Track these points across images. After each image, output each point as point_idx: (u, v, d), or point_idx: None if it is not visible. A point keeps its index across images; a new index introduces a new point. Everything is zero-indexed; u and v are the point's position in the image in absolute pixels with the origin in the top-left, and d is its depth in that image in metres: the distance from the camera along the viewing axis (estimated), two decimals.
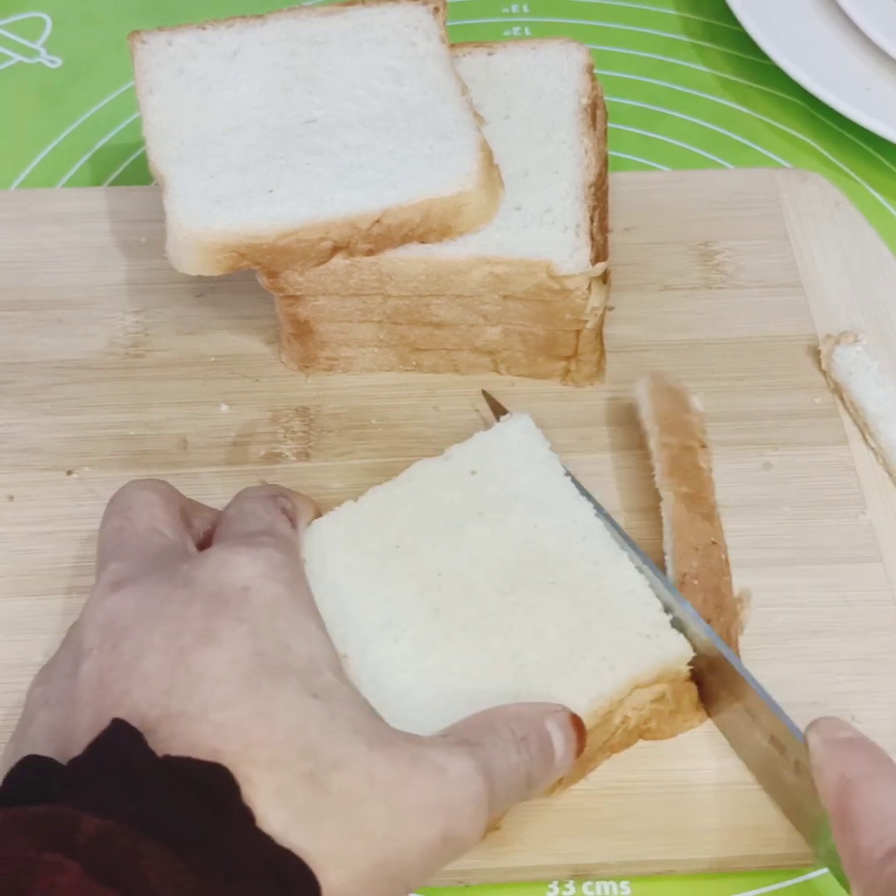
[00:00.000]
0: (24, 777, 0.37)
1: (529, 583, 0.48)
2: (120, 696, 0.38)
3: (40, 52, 0.78)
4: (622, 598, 0.47)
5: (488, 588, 0.47)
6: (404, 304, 0.56)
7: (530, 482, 0.51)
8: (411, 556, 0.48)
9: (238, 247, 0.53)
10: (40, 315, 0.62)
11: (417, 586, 0.48)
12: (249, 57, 0.59)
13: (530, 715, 0.43)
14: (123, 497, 0.47)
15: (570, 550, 0.49)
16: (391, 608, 0.47)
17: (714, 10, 0.79)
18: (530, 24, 0.79)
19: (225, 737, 0.37)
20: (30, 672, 0.50)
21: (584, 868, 0.47)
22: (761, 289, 0.63)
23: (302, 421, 0.58)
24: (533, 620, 0.47)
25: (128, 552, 0.44)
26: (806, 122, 0.74)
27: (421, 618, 0.47)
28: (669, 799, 0.47)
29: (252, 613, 0.40)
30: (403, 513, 0.50)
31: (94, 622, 0.41)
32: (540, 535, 0.49)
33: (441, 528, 0.49)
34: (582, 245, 0.55)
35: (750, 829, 0.47)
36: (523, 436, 0.52)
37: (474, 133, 0.55)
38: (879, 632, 0.52)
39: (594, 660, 0.46)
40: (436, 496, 0.50)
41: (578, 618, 0.47)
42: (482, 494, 0.50)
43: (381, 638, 0.46)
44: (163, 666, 0.38)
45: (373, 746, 0.38)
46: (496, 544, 0.49)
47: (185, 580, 0.41)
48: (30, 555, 0.54)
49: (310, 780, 0.37)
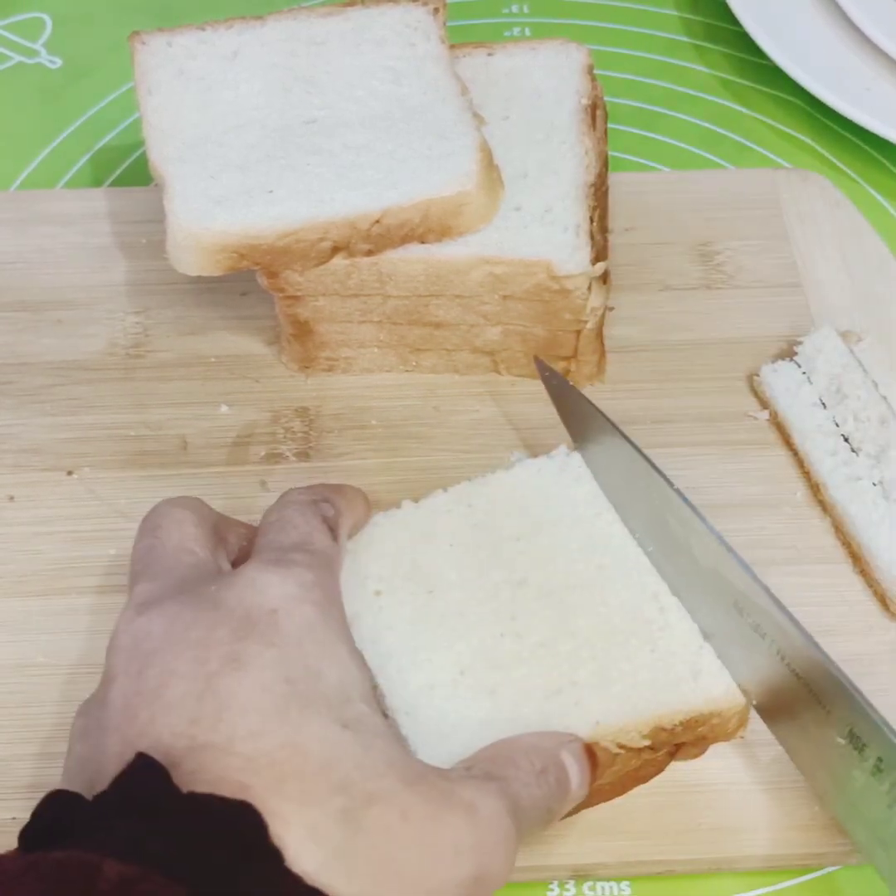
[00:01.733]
0: (49, 814, 0.36)
1: (573, 609, 0.47)
2: (145, 725, 0.37)
3: (40, 53, 0.78)
4: (668, 635, 0.46)
5: (527, 611, 0.47)
6: (404, 304, 0.56)
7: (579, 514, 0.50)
8: (452, 586, 0.47)
9: (238, 247, 0.53)
10: (40, 316, 0.62)
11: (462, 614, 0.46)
12: (249, 57, 0.59)
13: (546, 746, 0.42)
14: (155, 515, 0.46)
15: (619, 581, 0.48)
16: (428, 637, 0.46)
17: (714, 10, 0.79)
18: (530, 24, 0.79)
19: (254, 770, 0.36)
20: (30, 672, 0.51)
21: (584, 868, 0.47)
22: (761, 289, 0.63)
23: (302, 421, 0.58)
24: (571, 644, 0.46)
25: (156, 572, 0.43)
26: (806, 123, 0.74)
27: (459, 644, 0.46)
28: (669, 799, 0.47)
29: (281, 637, 0.39)
30: (443, 536, 0.49)
31: (120, 647, 0.40)
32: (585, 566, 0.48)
33: (484, 554, 0.48)
34: (582, 245, 0.55)
35: (749, 828, 0.47)
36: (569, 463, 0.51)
37: (474, 133, 0.55)
38: (879, 632, 0.52)
39: (629, 692, 0.44)
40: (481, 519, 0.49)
41: (618, 648, 0.46)
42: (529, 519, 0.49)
43: (413, 664, 0.45)
44: (188, 693, 0.37)
45: (406, 782, 0.37)
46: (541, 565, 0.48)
47: (212, 602, 0.40)
48: (30, 555, 0.54)
49: (343, 816, 0.36)
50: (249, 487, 0.56)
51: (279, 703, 0.37)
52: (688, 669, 0.45)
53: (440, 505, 0.50)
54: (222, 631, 0.39)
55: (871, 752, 0.41)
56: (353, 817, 0.36)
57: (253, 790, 0.35)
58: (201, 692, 0.37)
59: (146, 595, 0.41)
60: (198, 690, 0.37)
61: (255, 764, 0.36)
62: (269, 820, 0.35)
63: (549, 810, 0.41)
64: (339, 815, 0.36)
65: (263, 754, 0.36)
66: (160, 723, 0.37)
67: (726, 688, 0.45)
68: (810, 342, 0.58)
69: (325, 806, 0.36)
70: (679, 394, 0.59)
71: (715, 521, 0.54)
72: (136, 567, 0.44)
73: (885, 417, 0.55)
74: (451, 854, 0.37)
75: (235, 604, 0.40)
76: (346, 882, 0.35)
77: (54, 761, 0.48)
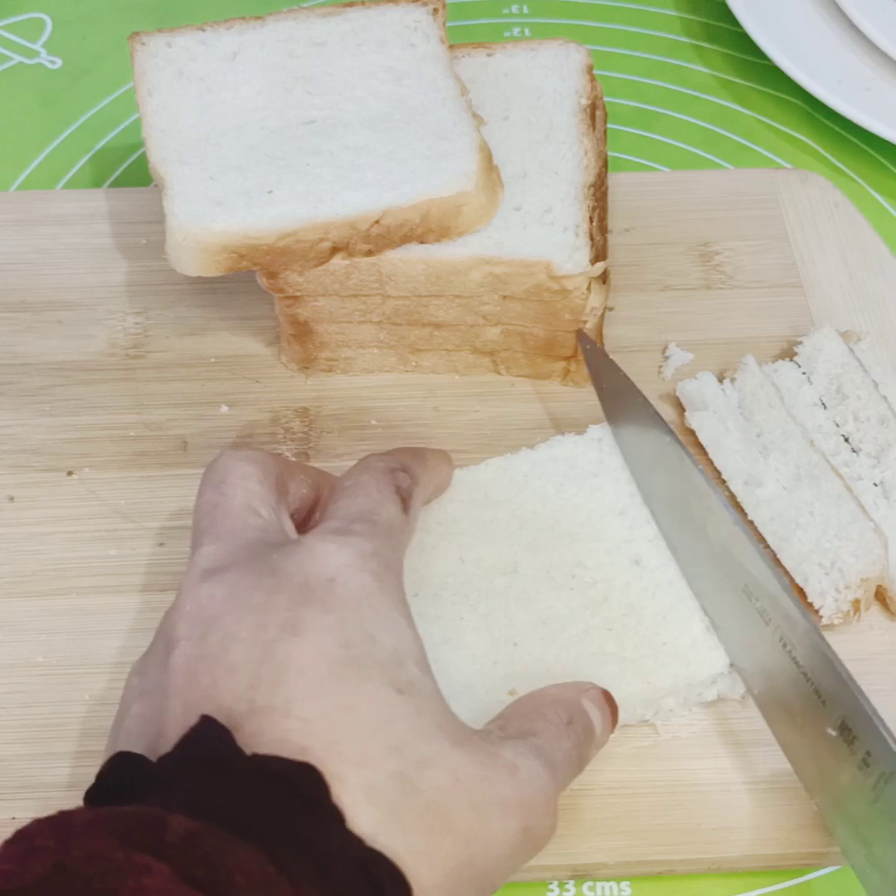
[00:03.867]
0: (115, 775, 0.37)
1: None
2: (208, 689, 0.38)
3: (40, 53, 0.78)
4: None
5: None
6: (404, 304, 0.56)
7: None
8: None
9: (238, 248, 0.53)
10: (40, 316, 0.62)
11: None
12: (249, 58, 0.59)
13: (568, 697, 0.44)
14: (219, 468, 0.46)
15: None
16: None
17: (714, 10, 0.79)
18: (530, 24, 0.79)
19: (311, 732, 0.36)
20: (31, 672, 0.51)
21: (584, 868, 0.47)
22: (761, 289, 0.63)
23: (302, 422, 0.59)
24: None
25: (220, 533, 0.43)
26: (806, 123, 0.74)
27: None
28: (669, 799, 0.47)
29: (338, 604, 0.39)
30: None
31: (184, 611, 0.41)
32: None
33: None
34: (581, 245, 0.55)
35: (750, 828, 0.47)
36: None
37: (473, 134, 0.55)
38: (879, 632, 0.52)
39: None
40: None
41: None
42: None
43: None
44: (248, 658, 0.38)
45: (455, 744, 0.39)
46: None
47: (273, 569, 0.41)
48: (30, 555, 0.54)
49: (399, 777, 0.37)
50: None
51: (335, 668, 0.38)
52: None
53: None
54: (282, 598, 0.39)
55: (860, 745, 0.42)
56: (408, 778, 0.37)
57: (311, 752, 0.36)
58: (261, 657, 0.38)
59: (211, 560, 0.42)
60: (257, 655, 0.38)
61: (312, 726, 0.37)
62: (329, 781, 0.36)
63: (579, 758, 0.43)
64: (394, 776, 0.37)
65: (320, 717, 0.37)
66: (222, 687, 0.38)
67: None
68: (810, 342, 0.58)
69: (380, 767, 0.37)
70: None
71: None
72: (201, 524, 0.44)
73: (885, 417, 0.55)
74: (498, 810, 0.38)
75: (295, 571, 0.40)
76: (402, 841, 0.36)
77: (54, 761, 0.48)
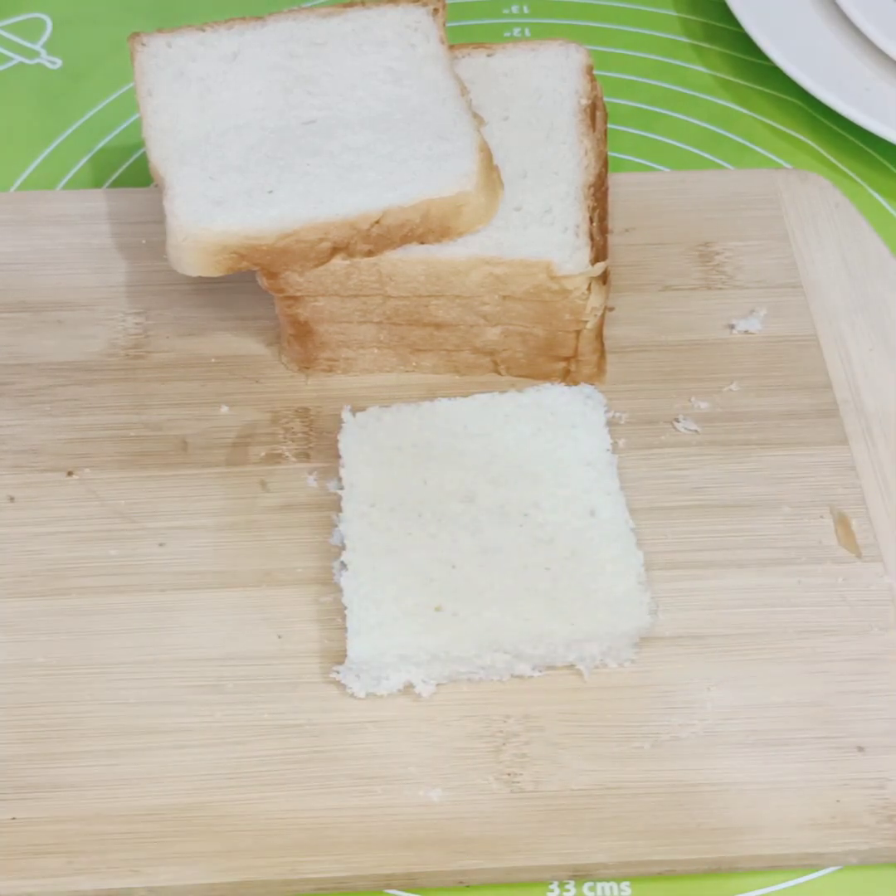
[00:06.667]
0: None
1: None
2: None
3: (40, 53, 0.78)
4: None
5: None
6: (404, 304, 0.56)
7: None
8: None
9: (238, 248, 0.53)
10: (41, 317, 0.62)
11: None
12: (249, 58, 0.59)
13: None
14: None
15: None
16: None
17: (714, 11, 0.79)
18: (530, 25, 0.79)
19: None
20: (30, 672, 0.51)
21: (584, 868, 0.47)
22: (761, 289, 0.63)
23: (302, 422, 0.59)
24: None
25: None
26: (806, 123, 0.74)
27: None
28: (669, 799, 0.47)
29: None
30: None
31: None
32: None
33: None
34: (581, 245, 0.55)
35: (750, 829, 0.47)
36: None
37: (474, 134, 0.55)
38: (879, 632, 0.52)
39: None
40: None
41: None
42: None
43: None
44: None
45: None
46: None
47: None
48: (30, 555, 0.54)
49: None
50: (249, 488, 0.56)
51: None
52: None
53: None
54: None
55: None
56: None
57: None
58: None
59: None
60: None
61: None
62: None
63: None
64: None
65: None
66: None
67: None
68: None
69: None
70: (679, 394, 0.59)
71: (716, 520, 0.55)
72: None
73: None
74: None
75: None
76: None
77: (54, 761, 0.48)
